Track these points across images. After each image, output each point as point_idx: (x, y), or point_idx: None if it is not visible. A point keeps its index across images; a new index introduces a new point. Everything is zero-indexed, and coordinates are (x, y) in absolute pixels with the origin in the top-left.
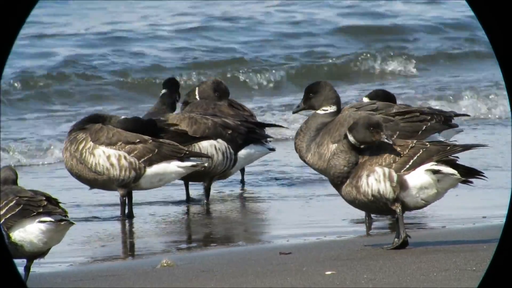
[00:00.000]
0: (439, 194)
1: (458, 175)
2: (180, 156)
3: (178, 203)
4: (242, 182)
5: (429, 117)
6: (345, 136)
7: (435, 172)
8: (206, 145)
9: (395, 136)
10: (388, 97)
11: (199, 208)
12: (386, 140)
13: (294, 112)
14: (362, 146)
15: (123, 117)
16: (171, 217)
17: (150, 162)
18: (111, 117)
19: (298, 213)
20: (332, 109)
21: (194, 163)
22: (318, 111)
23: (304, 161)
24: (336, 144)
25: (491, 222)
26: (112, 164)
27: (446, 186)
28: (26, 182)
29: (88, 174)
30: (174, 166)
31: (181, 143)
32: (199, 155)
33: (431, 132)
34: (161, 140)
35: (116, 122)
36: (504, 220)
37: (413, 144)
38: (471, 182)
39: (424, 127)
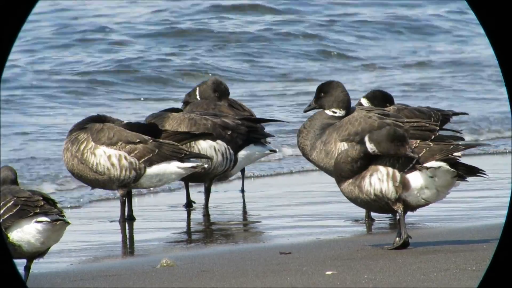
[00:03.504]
0: (440, 193)
1: (448, 167)
2: (180, 157)
3: (178, 203)
4: (242, 182)
5: (438, 128)
6: (361, 143)
7: (427, 168)
8: (205, 146)
9: None
10: (386, 98)
11: (199, 208)
12: (411, 154)
13: (305, 111)
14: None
15: (126, 121)
16: (171, 217)
17: (150, 162)
18: (114, 120)
19: (299, 212)
20: (340, 113)
21: (194, 164)
22: (326, 111)
23: (308, 159)
24: (344, 143)
25: (491, 222)
26: (112, 164)
27: (443, 183)
28: None
29: (89, 174)
30: (174, 167)
31: (181, 141)
32: (199, 156)
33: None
34: (161, 140)
35: (120, 126)
36: (504, 220)
37: (417, 144)
38: (465, 178)
39: (432, 137)
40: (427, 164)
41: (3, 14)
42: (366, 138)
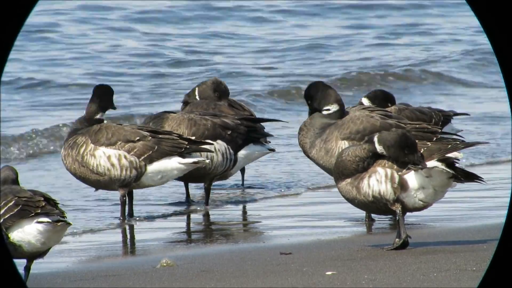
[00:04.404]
0: (437, 193)
1: (442, 167)
2: (181, 151)
3: (178, 203)
4: (242, 181)
5: (440, 130)
6: (370, 142)
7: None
8: (205, 146)
9: None
10: (387, 98)
11: (199, 208)
12: (420, 164)
13: None
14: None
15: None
16: (171, 217)
17: (151, 160)
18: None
19: (299, 213)
20: (333, 107)
21: (195, 159)
22: (322, 112)
23: (308, 156)
24: (345, 141)
25: (491, 222)
26: (113, 164)
27: (439, 183)
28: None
29: (91, 176)
30: (175, 163)
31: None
32: (200, 149)
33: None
34: (160, 135)
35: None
36: (504, 220)
37: None
38: (461, 179)
39: (434, 139)
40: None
41: (3, 14)
42: (376, 139)
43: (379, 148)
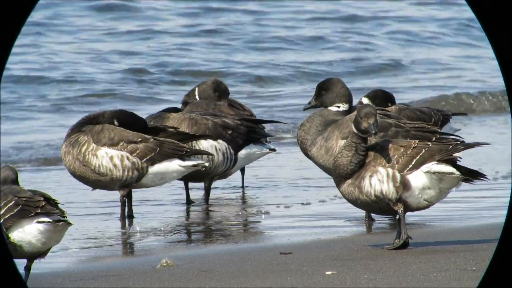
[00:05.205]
0: (442, 194)
1: (458, 173)
2: (181, 154)
3: (178, 203)
4: (242, 182)
5: (439, 130)
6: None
7: (434, 172)
8: (206, 146)
9: None
10: (387, 97)
11: (199, 208)
12: (370, 129)
13: (305, 109)
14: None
15: (118, 108)
16: (171, 217)
17: (153, 162)
18: (103, 113)
19: (299, 212)
20: (344, 107)
21: (195, 162)
22: (330, 108)
23: (307, 154)
24: (345, 141)
25: (491, 222)
26: (115, 165)
27: (448, 186)
28: None
29: (92, 175)
30: (175, 165)
31: (181, 141)
32: (200, 152)
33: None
34: (161, 138)
35: (110, 112)
36: (504, 220)
37: (416, 144)
38: (472, 180)
39: (433, 139)
40: (431, 167)
41: (3, 14)
42: (352, 123)
43: (353, 129)
